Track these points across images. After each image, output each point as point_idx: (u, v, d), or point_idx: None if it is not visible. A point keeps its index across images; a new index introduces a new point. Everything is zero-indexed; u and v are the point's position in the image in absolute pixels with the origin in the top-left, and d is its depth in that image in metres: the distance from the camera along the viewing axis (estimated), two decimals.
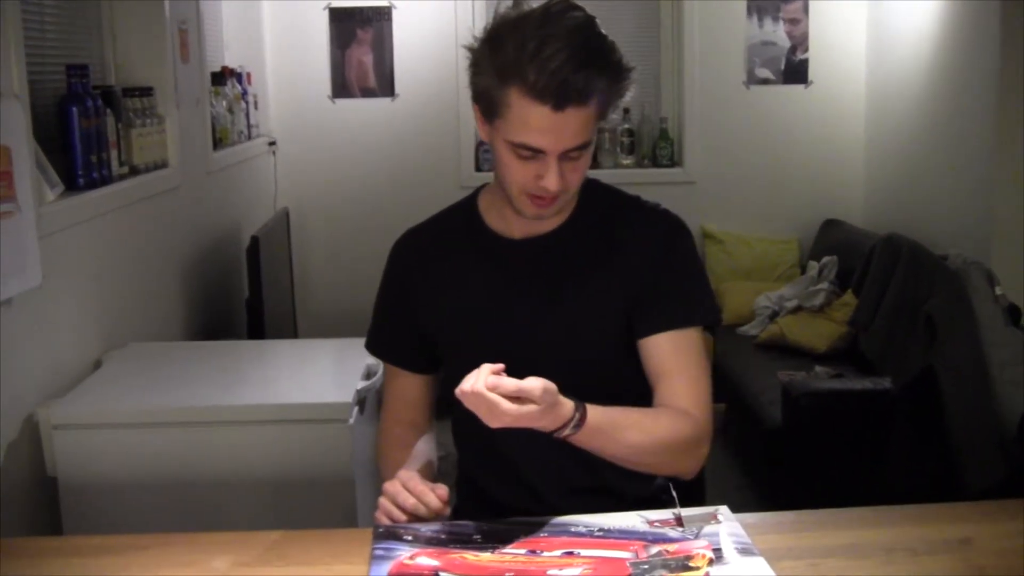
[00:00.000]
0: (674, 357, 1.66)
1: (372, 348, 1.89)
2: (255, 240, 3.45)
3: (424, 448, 1.82)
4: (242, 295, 3.78)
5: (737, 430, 4.28)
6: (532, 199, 1.62)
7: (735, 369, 4.29)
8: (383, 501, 1.57)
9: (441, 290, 1.76)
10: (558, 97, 1.50)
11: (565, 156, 1.57)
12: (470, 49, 1.60)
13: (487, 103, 1.59)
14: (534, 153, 1.57)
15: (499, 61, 1.53)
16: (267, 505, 2.26)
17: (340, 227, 5.21)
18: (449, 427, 1.86)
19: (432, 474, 1.76)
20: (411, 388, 1.85)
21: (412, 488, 1.55)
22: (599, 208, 1.75)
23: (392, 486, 1.57)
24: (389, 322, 1.85)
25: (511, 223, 1.72)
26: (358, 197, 5.19)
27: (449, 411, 1.76)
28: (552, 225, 1.72)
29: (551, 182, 1.57)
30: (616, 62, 1.57)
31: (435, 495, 1.54)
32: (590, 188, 1.76)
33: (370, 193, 5.18)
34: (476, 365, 1.47)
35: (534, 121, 1.53)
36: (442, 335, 1.78)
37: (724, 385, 4.27)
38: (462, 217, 1.79)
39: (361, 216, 5.12)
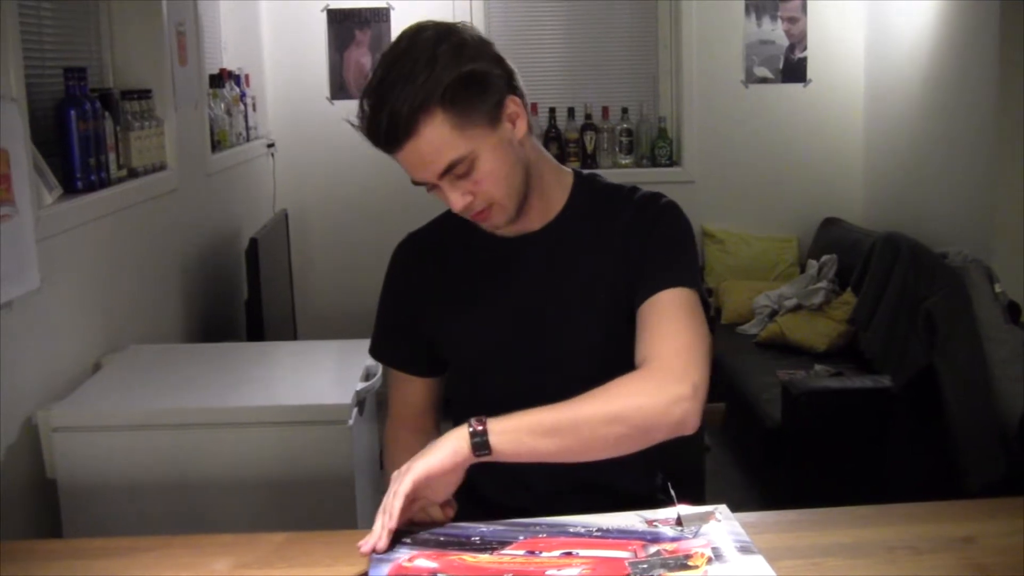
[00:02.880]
0: (645, 318, 1.61)
1: (376, 354, 1.88)
2: (254, 242, 3.45)
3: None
4: (241, 297, 3.78)
5: (737, 429, 4.27)
6: (472, 217, 1.65)
7: (735, 368, 4.29)
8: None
9: (442, 292, 1.77)
10: (387, 145, 1.56)
11: (453, 177, 1.58)
12: None
13: None
14: (429, 185, 1.61)
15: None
16: (267, 507, 2.26)
17: (339, 228, 5.21)
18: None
19: None
20: (416, 392, 1.85)
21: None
22: (590, 201, 1.74)
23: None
24: (392, 327, 1.84)
25: None
26: (357, 198, 5.19)
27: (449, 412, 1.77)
28: (542, 221, 1.73)
29: (452, 205, 1.60)
30: (429, 77, 1.51)
31: (443, 512, 1.53)
32: (583, 182, 1.76)
33: (369, 194, 5.16)
34: (478, 366, 1.48)
35: (399, 162, 1.59)
36: (444, 337, 1.78)
37: (724, 384, 4.27)
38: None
39: (360, 217, 5.12)
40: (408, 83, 1.51)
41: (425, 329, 1.79)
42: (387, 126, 1.52)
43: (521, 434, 1.49)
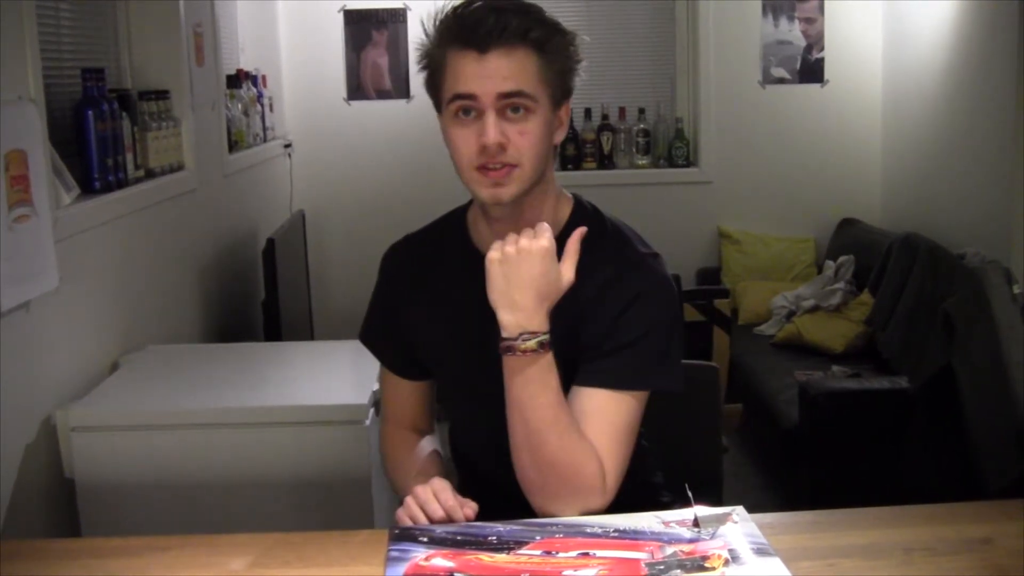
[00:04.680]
0: (577, 404, 1.60)
1: (364, 340, 1.89)
2: (271, 242, 3.45)
3: (430, 447, 1.82)
4: (258, 297, 3.79)
5: (754, 430, 4.27)
6: (481, 173, 1.59)
7: (752, 369, 4.28)
8: (410, 502, 1.58)
9: (425, 304, 1.76)
10: (480, 39, 1.54)
11: (504, 114, 1.56)
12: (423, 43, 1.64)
13: (432, 81, 1.63)
14: (470, 109, 1.57)
15: (439, 26, 1.60)
16: (284, 506, 2.26)
17: (356, 228, 5.22)
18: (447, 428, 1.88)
19: (444, 472, 1.75)
20: (407, 393, 1.85)
21: (443, 500, 1.57)
22: (588, 239, 1.63)
23: (424, 492, 1.58)
24: (380, 329, 1.84)
25: (489, 240, 1.65)
26: (374, 198, 5.20)
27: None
28: None
29: (488, 133, 1.55)
30: (542, 18, 1.59)
31: (463, 513, 1.55)
32: (582, 215, 1.71)
33: (385, 194, 5.18)
34: (456, 382, 1.51)
35: (465, 68, 1.56)
36: (425, 349, 1.77)
37: (741, 385, 4.26)
38: (451, 229, 1.78)
39: (376, 217, 5.12)
40: (527, 12, 1.58)
41: (407, 336, 1.78)
42: (492, 25, 1.54)
43: (534, 377, 1.54)
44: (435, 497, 1.57)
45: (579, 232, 1.58)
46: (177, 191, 3.18)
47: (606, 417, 1.60)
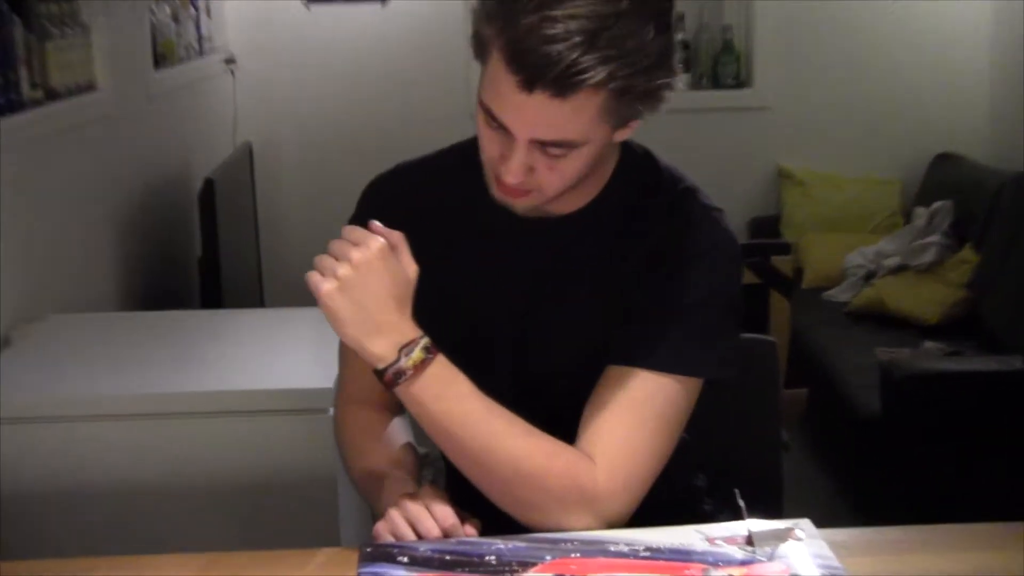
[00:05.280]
0: (603, 389, 1.62)
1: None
2: (209, 183, 3.45)
3: (402, 436, 1.82)
4: (194, 253, 3.82)
5: (822, 422, 4.27)
6: (497, 180, 1.61)
7: (820, 344, 4.29)
8: (395, 516, 1.56)
9: (416, 256, 1.74)
10: (531, 73, 1.46)
11: (540, 146, 1.54)
12: None
13: (476, 38, 1.57)
14: (500, 127, 1.55)
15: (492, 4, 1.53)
16: (230, 517, 2.28)
17: (318, 167, 5.22)
18: None
19: (416, 457, 1.78)
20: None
21: (440, 516, 1.55)
22: (633, 195, 1.71)
23: (414, 506, 1.57)
24: None
25: None
26: (341, 129, 5.19)
27: None
28: (566, 208, 1.70)
29: (509, 170, 1.56)
30: (637, 53, 1.47)
31: (464, 532, 1.55)
32: (632, 164, 1.73)
33: (357, 124, 5.17)
34: (449, 352, 1.53)
35: (503, 89, 1.51)
36: (417, 309, 1.74)
37: (806, 365, 4.26)
38: (458, 167, 1.78)
39: (345, 152, 5.11)
40: (622, 42, 1.45)
41: None
42: (554, 59, 1.44)
43: (444, 391, 1.55)
44: (429, 510, 1.56)
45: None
46: (87, 117, 3.17)
47: (628, 399, 1.60)
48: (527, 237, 1.72)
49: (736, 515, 1.58)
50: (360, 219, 1.74)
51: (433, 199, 1.78)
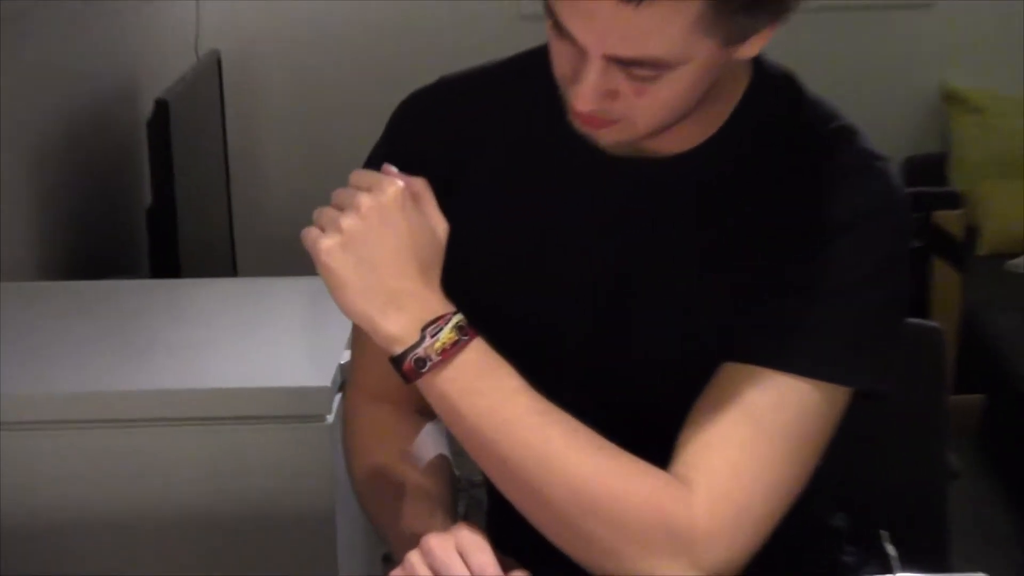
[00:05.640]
0: (716, 394, 1.62)
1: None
2: (162, 106, 3.49)
3: (435, 446, 1.84)
4: (142, 202, 3.85)
5: (1004, 440, 4.27)
6: (572, 106, 1.61)
7: (999, 331, 4.35)
8: (415, 562, 1.56)
9: (466, 196, 1.74)
10: None
11: (621, 65, 1.52)
12: None
13: None
14: (570, 37, 1.52)
15: None
16: (200, 546, 2.37)
17: (306, 84, 5.27)
18: None
19: (451, 479, 1.80)
20: None
21: (476, 565, 1.55)
22: (765, 135, 1.69)
23: (442, 549, 1.56)
24: None
25: None
26: (338, 33, 5.23)
27: None
28: (674, 148, 1.69)
29: (579, 93, 1.55)
30: None
31: None
32: (765, 92, 1.71)
33: (359, 26, 5.20)
34: (498, 333, 1.54)
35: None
36: (458, 278, 1.70)
37: (982, 362, 4.26)
38: (524, 87, 1.77)
39: (342, 65, 5.19)
40: None
41: None
42: None
43: (482, 385, 1.55)
44: (463, 557, 1.55)
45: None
46: None
47: (747, 409, 1.59)
48: (615, 182, 1.71)
49: (885, 567, 1.61)
50: (388, 151, 1.77)
51: (491, 124, 1.79)
